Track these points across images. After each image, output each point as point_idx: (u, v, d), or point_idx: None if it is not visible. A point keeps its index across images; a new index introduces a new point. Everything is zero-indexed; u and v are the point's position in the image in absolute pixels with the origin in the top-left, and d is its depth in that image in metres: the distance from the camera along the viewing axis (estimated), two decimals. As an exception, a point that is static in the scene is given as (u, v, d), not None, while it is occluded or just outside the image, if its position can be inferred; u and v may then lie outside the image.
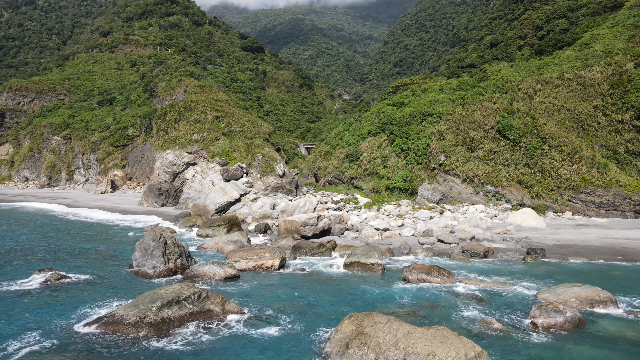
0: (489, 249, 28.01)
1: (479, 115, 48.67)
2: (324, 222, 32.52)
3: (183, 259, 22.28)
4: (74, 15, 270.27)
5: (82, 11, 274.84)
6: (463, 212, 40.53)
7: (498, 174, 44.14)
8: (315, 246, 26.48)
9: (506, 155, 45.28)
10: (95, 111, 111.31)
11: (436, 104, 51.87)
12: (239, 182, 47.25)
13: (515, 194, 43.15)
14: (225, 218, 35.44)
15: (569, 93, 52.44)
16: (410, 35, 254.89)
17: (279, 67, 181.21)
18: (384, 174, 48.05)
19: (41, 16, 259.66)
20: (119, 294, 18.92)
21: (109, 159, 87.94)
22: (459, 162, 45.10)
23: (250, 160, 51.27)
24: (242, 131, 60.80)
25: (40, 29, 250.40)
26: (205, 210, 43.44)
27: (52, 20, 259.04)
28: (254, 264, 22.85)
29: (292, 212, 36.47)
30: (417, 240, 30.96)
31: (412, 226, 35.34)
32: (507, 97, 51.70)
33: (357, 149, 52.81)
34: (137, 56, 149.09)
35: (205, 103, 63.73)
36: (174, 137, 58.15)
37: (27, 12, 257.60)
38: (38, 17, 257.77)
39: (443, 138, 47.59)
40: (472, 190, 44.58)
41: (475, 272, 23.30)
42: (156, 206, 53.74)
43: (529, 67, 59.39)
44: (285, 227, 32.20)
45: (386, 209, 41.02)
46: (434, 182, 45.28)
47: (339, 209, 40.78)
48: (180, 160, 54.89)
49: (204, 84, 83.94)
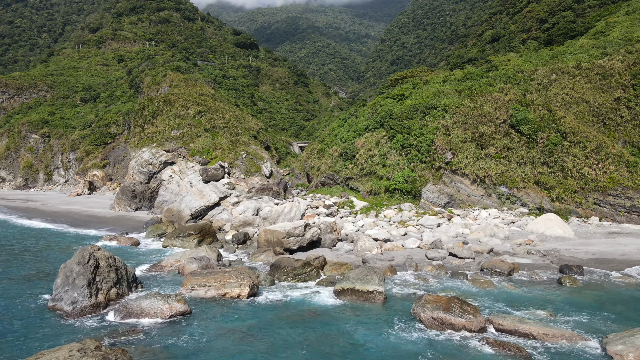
0: (514, 266, 22.68)
1: (489, 108, 43.38)
2: (312, 232, 27.13)
3: (122, 288, 16.87)
4: (66, 12, 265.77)
5: (73, 8, 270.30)
6: (474, 217, 35.20)
7: (513, 174, 38.83)
8: (298, 265, 21.08)
9: (521, 152, 39.97)
10: (77, 108, 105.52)
11: (441, 96, 46.54)
12: (219, 184, 41.79)
13: (533, 196, 37.85)
14: (197, 226, 29.98)
15: (587, 84, 47.19)
16: (408, 33, 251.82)
17: (274, 64, 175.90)
18: (383, 173, 42.72)
19: (32, 13, 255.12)
20: (5, 350, 13.28)
21: (89, 158, 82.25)
22: (467, 161, 39.78)
23: (233, 158, 45.82)
24: (227, 127, 55.34)
25: (31, 27, 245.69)
26: (179, 216, 37.99)
27: (43, 18, 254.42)
28: (215, 292, 17.43)
29: (276, 219, 31.00)
30: (425, 254, 25.59)
31: (417, 236, 29.98)
32: (519, 88, 46.42)
33: (353, 146, 47.44)
34: (125, 52, 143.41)
35: (187, 97, 58.21)
36: (151, 133, 52.57)
37: (17, 9, 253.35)
38: (29, 15, 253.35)
39: (449, 133, 42.27)
40: (483, 192, 39.26)
41: (504, 302, 17.98)
42: (129, 210, 48.18)
43: (541, 56, 54.13)
44: (265, 239, 26.79)
45: (386, 214, 35.64)
46: (439, 183, 39.94)
47: (331, 214, 35.35)
48: (157, 159, 49.38)
49: (189, 77, 78.30)
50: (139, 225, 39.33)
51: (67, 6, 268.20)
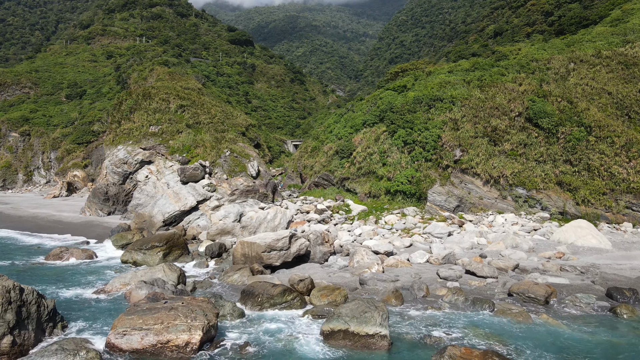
0: (551, 290, 17.94)
1: (502, 100, 38.66)
2: (299, 244, 22.35)
3: (25, 334, 12.11)
4: (59, 10, 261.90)
5: (67, 6, 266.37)
6: (489, 224, 30.47)
7: (531, 173, 34.09)
8: (277, 292, 16.32)
9: (540, 148, 35.25)
10: (61, 105, 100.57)
11: (447, 87, 41.81)
12: (198, 185, 36.98)
13: (555, 199, 33.13)
14: (163, 237, 25.15)
15: (608, 74, 42.48)
16: (406, 31, 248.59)
17: (269, 61, 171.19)
18: (383, 173, 37.97)
19: (25, 11, 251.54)
20: None
21: (69, 157, 77.22)
22: (479, 158, 35.05)
23: (216, 157, 41.01)
24: (212, 123, 50.54)
25: (23, 25, 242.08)
26: (150, 223, 33.19)
27: (36, 16, 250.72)
28: (154, 339, 12.62)
29: (257, 227, 26.17)
30: (436, 272, 20.83)
31: (424, 247, 25.23)
32: (534, 77, 41.71)
33: (350, 143, 42.67)
34: (114, 48, 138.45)
35: (169, 90, 53.33)
36: (127, 129, 47.67)
37: (10, 7, 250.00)
38: (21, 13, 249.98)
39: (458, 128, 37.54)
40: (497, 194, 34.52)
41: (553, 349, 13.24)
42: (101, 215, 43.31)
43: (555, 44, 49.46)
44: (242, 253, 22.00)
45: (387, 220, 30.86)
46: (447, 183, 35.19)
47: (324, 220, 30.53)
48: (133, 157, 44.51)
49: (175, 71, 73.39)
50: (107, 232, 34.50)
51: (61, 4, 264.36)
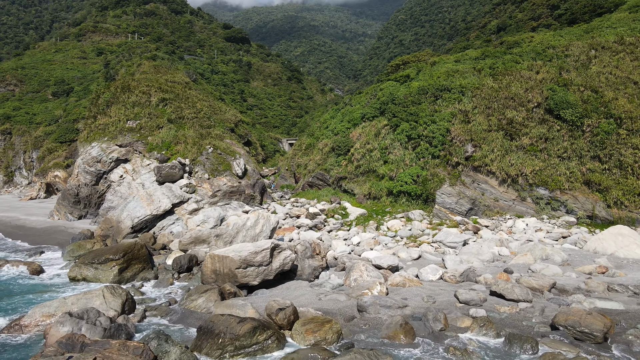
0: (610, 324, 13.60)
1: (518, 89, 34.39)
2: (283, 257, 18.02)
3: None
4: (54, 9, 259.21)
5: (62, 5, 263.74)
6: (508, 230, 26.17)
7: (554, 171, 29.80)
8: (244, 331, 11.99)
9: (563, 143, 30.97)
10: (46, 103, 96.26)
11: (455, 76, 37.51)
12: (175, 186, 32.65)
13: (582, 200, 28.83)
14: (120, 248, 20.77)
15: (633, 61, 38.27)
16: (405, 31, 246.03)
17: (266, 59, 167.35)
18: (385, 172, 33.66)
19: (19, 10, 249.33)
20: None
21: (51, 157, 72.79)
22: (494, 155, 30.75)
23: (197, 153, 36.67)
24: (197, 118, 46.19)
25: (17, 24, 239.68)
26: (117, 229, 28.83)
27: (31, 15, 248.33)
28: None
29: (234, 236, 21.74)
30: (454, 294, 16.49)
31: (436, 259, 20.90)
32: (552, 65, 37.45)
33: (347, 139, 38.36)
34: (105, 45, 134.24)
35: (150, 82, 48.96)
36: (103, 125, 43.28)
37: (4, 6, 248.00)
38: (16, 12, 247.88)
39: (469, 120, 33.25)
40: (515, 196, 30.22)
41: None
42: (71, 219, 38.91)
43: (573, 31, 45.24)
44: (212, 269, 17.67)
45: (390, 225, 26.51)
46: (458, 183, 30.87)
47: (316, 226, 26.18)
48: (107, 155, 40.09)
49: (160, 64, 69.08)
50: (70, 240, 30.12)
51: (56, 3, 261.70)
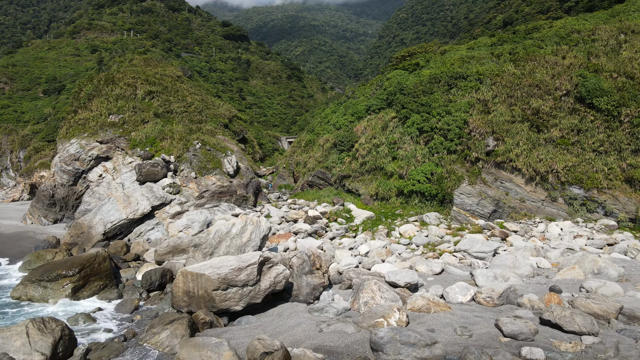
0: None
1: (543, 75, 30.54)
2: (274, 274, 14.22)
3: None
4: (52, 9, 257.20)
5: (60, 5, 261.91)
6: (541, 235, 22.31)
7: (589, 168, 25.95)
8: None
9: (599, 135, 27.10)
10: (36, 101, 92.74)
11: (471, 62, 33.69)
12: (157, 186, 28.84)
13: (623, 201, 24.97)
14: (77, 261, 16.98)
15: (668, 47, 34.41)
16: (407, 29, 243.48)
17: (265, 57, 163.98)
18: (394, 169, 29.83)
19: (17, 10, 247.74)
20: None
21: (37, 156, 69.01)
22: (520, 149, 26.92)
23: (183, 150, 32.87)
24: (187, 112, 42.48)
25: (15, 24, 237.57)
26: (87, 235, 25.02)
27: (29, 15, 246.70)
28: None
29: (215, 246, 17.78)
30: (495, 323, 12.64)
31: (462, 273, 17.05)
32: (579, 50, 33.58)
33: (351, 134, 34.53)
34: (100, 42, 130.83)
35: (136, 74, 45.22)
36: (82, 119, 39.57)
37: (2, 6, 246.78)
38: (13, 12, 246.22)
39: (489, 111, 29.41)
40: (544, 196, 26.36)
41: None
42: (45, 223, 35.11)
43: (597, 15, 41.40)
44: (185, 290, 13.88)
45: (403, 231, 22.66)
46: (478, 181, 27.02)
47: (316, 232, 22.38)
48: (87, 152, 36.36)
49: (151, 57, 65.39)
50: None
51: (54, 3, 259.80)
